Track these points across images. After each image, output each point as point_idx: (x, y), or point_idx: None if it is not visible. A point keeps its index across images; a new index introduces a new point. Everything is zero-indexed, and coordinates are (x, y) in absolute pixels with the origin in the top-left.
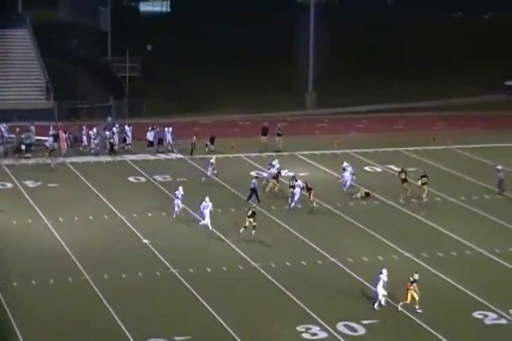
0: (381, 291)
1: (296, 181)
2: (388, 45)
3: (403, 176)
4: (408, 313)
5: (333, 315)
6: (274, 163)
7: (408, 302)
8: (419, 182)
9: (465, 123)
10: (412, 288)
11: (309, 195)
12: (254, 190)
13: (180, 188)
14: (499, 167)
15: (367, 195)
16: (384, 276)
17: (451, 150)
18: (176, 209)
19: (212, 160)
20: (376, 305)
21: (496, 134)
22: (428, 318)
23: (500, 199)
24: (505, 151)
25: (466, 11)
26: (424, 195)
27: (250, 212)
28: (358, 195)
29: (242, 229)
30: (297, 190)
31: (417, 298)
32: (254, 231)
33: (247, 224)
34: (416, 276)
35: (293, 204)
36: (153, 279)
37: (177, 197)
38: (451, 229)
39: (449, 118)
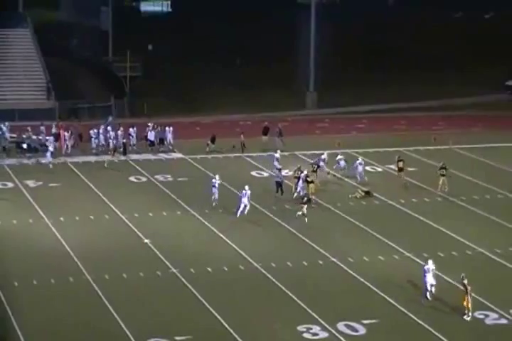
0: (430, 281)
1: (301, 172)
2: (389, 45)
3: (400, 165)
4: (409, 313)
5: (334, 315)
6: (323, 156)
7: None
8: (439, 173)
9: (466, 123)
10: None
11: (308, 188)
12: (279, 183)
13: (217, 177)
14: None
15: (367, 193)
16: (431, 265)
17: (452, 150)
18: (215, 197)
19: (277, 155)
20: (428, 295)
21: (497, 134)
22: (429, 318)
23: (501, 198)
24: (506, 151)
25: (466, 10)
26: (441, 187)
27: (305, 199)
28: (357, 195)
29: (299, 213)
30: (301, 181)
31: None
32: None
33: (305, 210)
34: (465, 281)
35: (295, 194)
36: (154, 279)
37: (214, 186)
38: (451, 228)
39: (450, 118)
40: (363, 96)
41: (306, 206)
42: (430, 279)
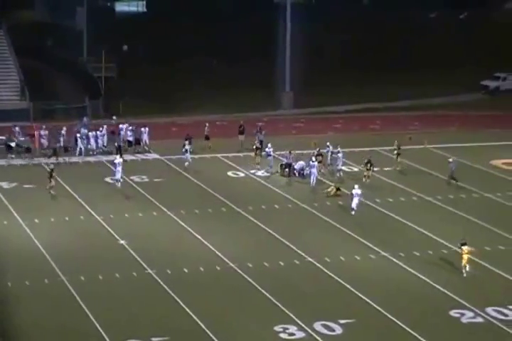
0: (354, 203)
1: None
2: (365, 45)
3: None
4: (385, 312)
5: (311, 315)
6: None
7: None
8: (395, 153)
9: (441, 123)
10: (465, 251)
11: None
12: (289, 165)
13: (270, 145)
14: (450, 159)
15: (337, 189)
16: (357, 190)
17: (427, 150)
18: (271, 166)
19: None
20: (353, 212)
21: (472, 134)
22: (405, 317)
23: (477, 198)
24: (481, 151)
25: (442, 10)
26: (396, 165)
27: (369, 165)
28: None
29: (364, 179)
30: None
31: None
32: (368, 180)
33: (370, 173)
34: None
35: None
36: (130, 280)
37: (269, 155)
38: (427, 227)
39: (426, 118)
40: (340, 96)
41: (370, 170)
42: (355, 202)
